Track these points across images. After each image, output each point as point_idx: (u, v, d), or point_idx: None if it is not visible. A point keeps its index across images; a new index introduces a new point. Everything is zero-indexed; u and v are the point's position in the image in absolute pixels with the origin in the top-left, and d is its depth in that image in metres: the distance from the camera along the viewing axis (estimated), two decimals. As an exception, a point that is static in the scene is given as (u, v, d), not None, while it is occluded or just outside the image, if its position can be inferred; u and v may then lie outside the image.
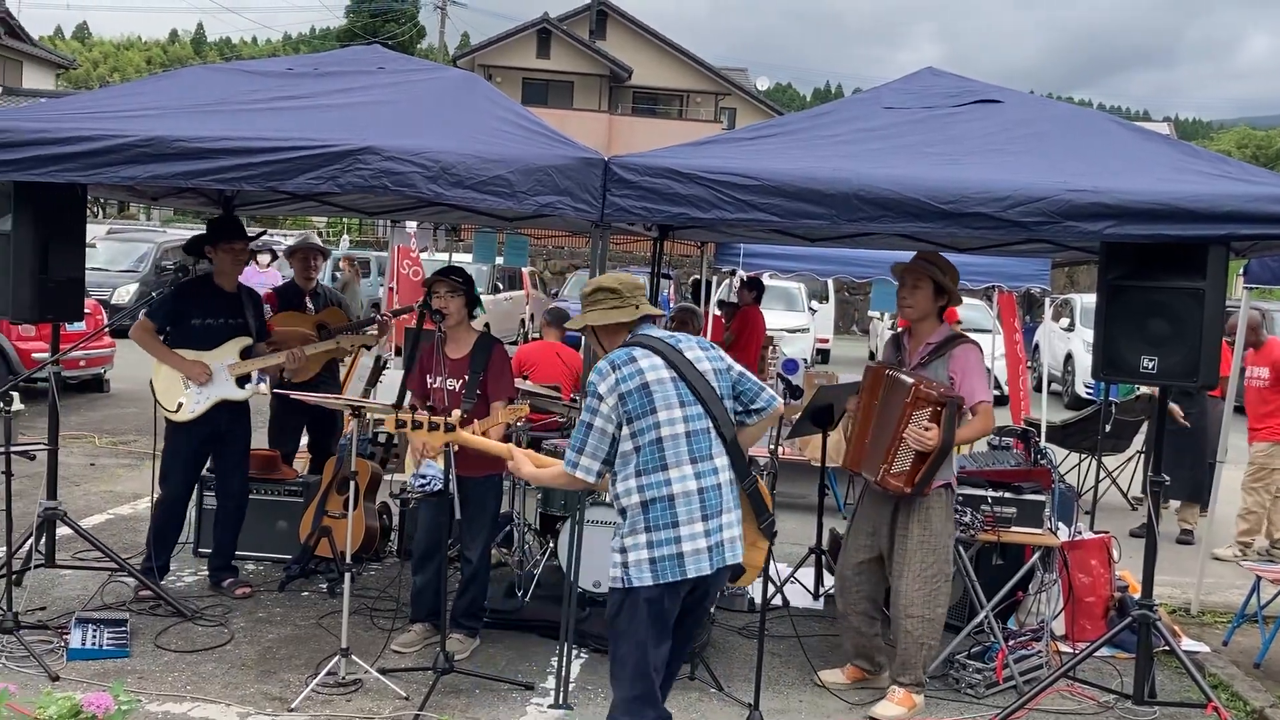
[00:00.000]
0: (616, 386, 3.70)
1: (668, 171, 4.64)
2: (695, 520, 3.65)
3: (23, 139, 4.82)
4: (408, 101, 5.28)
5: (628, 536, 3.69)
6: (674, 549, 3.63)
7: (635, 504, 3.68)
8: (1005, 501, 5.71)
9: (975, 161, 4.72)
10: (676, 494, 3.65)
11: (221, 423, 6.07)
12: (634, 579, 3.66)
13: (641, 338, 3.87)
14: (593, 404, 3.73)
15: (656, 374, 3.73)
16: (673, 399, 3.72)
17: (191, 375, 5.93)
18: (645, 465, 3.67)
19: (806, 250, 9.08)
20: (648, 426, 3.68)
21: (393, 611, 5.86)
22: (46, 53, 38.92)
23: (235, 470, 6.28)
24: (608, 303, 3.93)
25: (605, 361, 3.79)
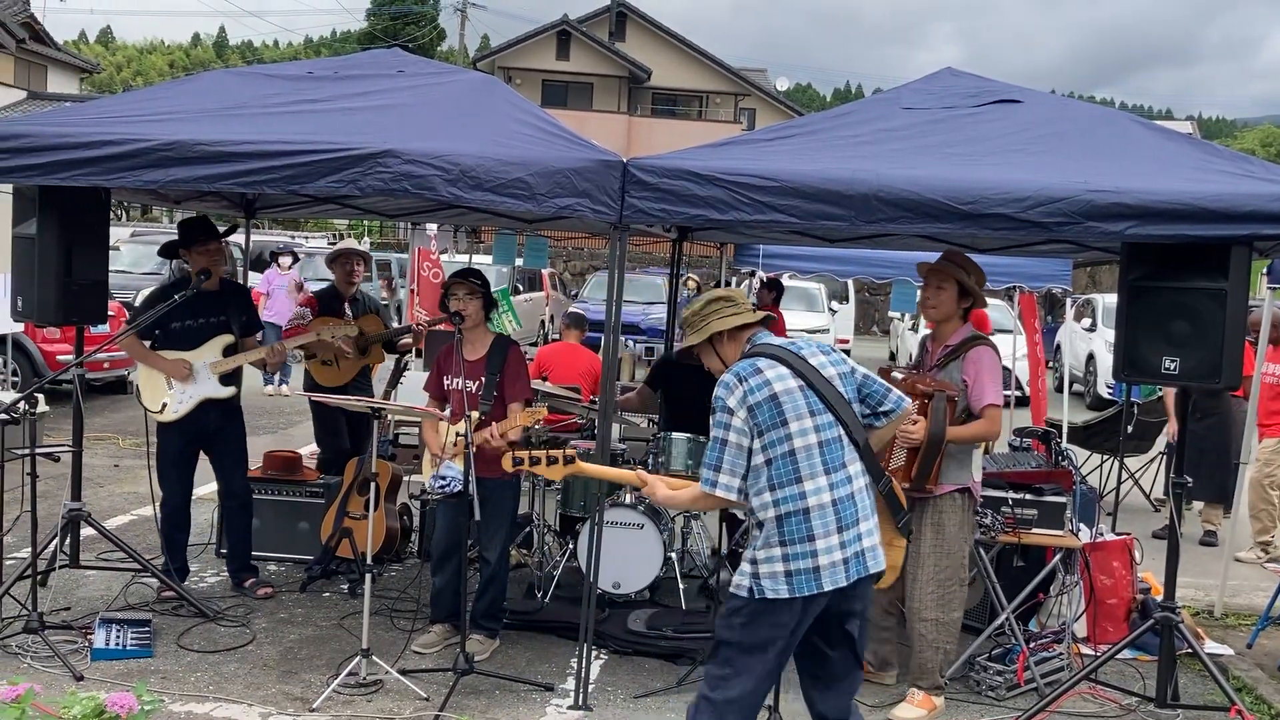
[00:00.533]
0: (745, 399, 3.59)
1: (686, 173, 4.64)
2: (831, 533, 3.55)
3: (47, 144, 4.87)
4: (428, 104, 5.30)
5: (761, 549, 3.58)
6: (810, 562, 3.52)
7: (770, 518, 3.57)
8: (1026, 503, 5.68)
9: (995, 162, 4.70)
10: (812, 507, 3.55)
11: (210, 422, 6.06)
12: (767, 590, 3.54)
13: (763, 347, 3.77)
14: (723, 419, 3.61)
15: (784, 384, 3.63)
16: (803, 409, 3.61)
17: (172, 374, 5.94)
18: (778, 479, 3.56)
19: (826, 251, 9.06)
20: (779, 439, 3.57)
21: (413, 612, 5.88)
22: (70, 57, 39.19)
23: (234, 469, 6.27)
24: (726, 310, 3.85)
25: (731, 374, 3.67)
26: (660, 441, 6.46)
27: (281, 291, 14.08)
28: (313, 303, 7.30)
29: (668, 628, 5.81)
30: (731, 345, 3.85)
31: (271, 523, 6.84)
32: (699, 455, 6.35)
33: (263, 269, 15.51)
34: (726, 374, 3.69)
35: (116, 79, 76.83)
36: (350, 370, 7.16)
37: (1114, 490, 9.22)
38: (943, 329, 5.22)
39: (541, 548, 6.70)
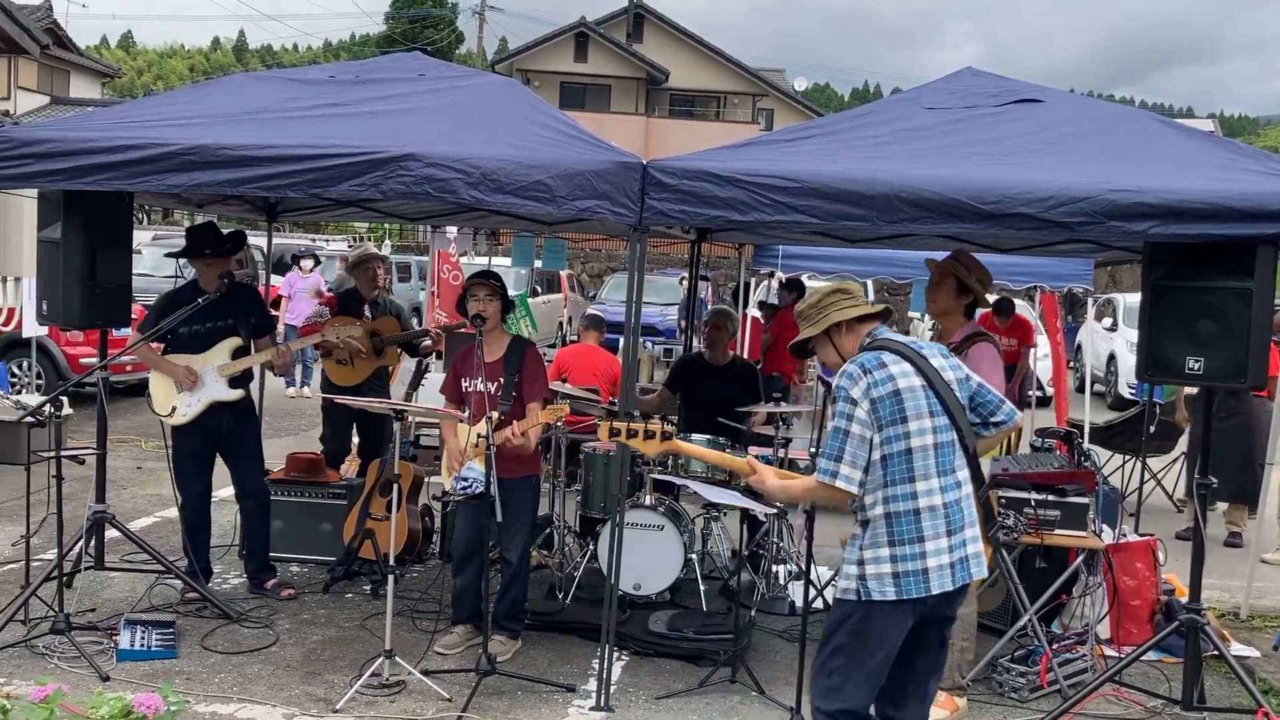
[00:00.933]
0: (869, 391, 3.50)
1: (706, 174, 4.64)
2: (941, 535, 3.49)
3: (71, 149, 4.91)
4: (448, 108, 5.32)
5: (868, 549, 3.52)
6: (919, 564, 3.47)
7: (879, 516, 3.51)
8: (1048, 504, 5.65)
9: (1017, 162, 4.68)
10: (923, 508, 3.49)
11: (222, 424, 6.08)
12: (874, 592, 3.48)
13: (886, 341, 3.67)
14: (846, 409, 3.51)
15: (907, 381, 3.54)
16: (923, 409, 3.54)
17: (178, 380, 5.96)
18: (892, 476, 3.49)
19: (846, 251, 9.04)
20: (898, 436, 3.49)
21: (435, 613, 5.90)
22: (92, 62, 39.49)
23: (248, 470, 6.29)
24: (844, 302, 3.75)
25: (855, 365, 3.57)
26: (680, 443, 6.45)
27: (303, 294, 14.15)
28: (333, 302, 7.35)
29: (689, 629, 5.80)
30: (849, 337, 3.76)
31: (294, 524, 6.88)
32: (719, 456, 6.34)
33: (284, 272, 15.60)
34: (850, 364, 3.60)
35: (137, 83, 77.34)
36: (364, 370, 7.18)
37: (1136, 491, 9.17)
38: (947, 326, 5.24)
39: (562, 549, 6.71)
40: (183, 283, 6.18)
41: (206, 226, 6.17)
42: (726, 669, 5.33)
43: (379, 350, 7.19)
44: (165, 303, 5.97)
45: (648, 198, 4.69)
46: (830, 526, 7.14)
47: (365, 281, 7.40)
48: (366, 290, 7.40)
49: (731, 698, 5.16)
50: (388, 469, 6.42)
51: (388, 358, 7.34)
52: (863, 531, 3.56)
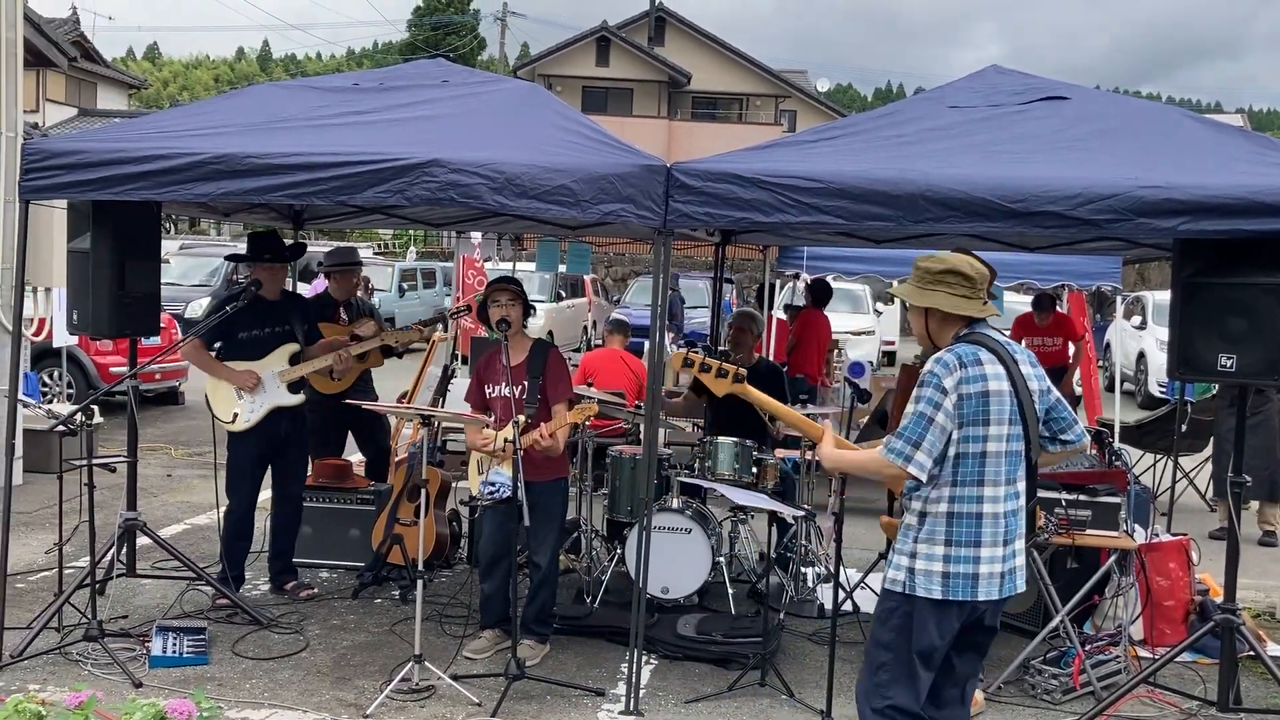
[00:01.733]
0: (959, 386, 3.44)
1: (731, 176, 4.64)
2: (997, 544, 3.48)
3: (99, 160, 4.96)
4: (472, 114, 5.34)
5: (923, 543, 3.50)
6: (971, 569, 3.45)
7: (940, 514, 3.48)
8: (1079, 504, 5.61)
9: (1043, 159, 4.66)
10: (986, 513, 3.47)
11: (280, 430, 6.16)
12: (919, 587, 3.48)
13: (983, 336, 3.57)
14: (934, 397, 3.44)
15: (999, 384, 3.48)
16: (1005, 414, 3.49)
17: (241, 385, 6.01)
18: (962, 477, 3.46)
19: (872, 251, 9.01)
20: (976, 437, 3.46)
21: (464, 618, 5.91)
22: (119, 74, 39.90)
23: (294, 475, 6.38)
24: (960, 289, 3.59)
25: (952, 355, 3.49)
26: (706, 446, 6.45)
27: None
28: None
29: (717, 632, 5.79)
30: (946, 326, 3.64)
31: (322, 530, 6.91)
32: (745, 460, 6.34)
33: (310, 279, 15.68)
34: (947, 353, 3.51)
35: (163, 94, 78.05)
36: (350, 377, 7.15)
37: (1168, 490, 9.08)
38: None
39: (590, 553, 6.71)
40: (237, 288, 6.25)
41: (269, 234, 6.25)
42: (756, 672, 5.31)
43: (361, 355, 7.14)
44: (219, 306, 6.06)
45: (672, 200, 4.69)
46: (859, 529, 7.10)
47: (345, 284, 7.30)
48: (342, 293, 7.29)
49: (761, 701, 5.15)
50: (415, 474, 6.44)
51: (369, 360, 7.26)
52: (918, 524, 3.53)
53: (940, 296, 3.60)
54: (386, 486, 7.01)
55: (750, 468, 6.36)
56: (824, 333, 10.99)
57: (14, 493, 5.56)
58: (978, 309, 3.59)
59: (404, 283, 23.52)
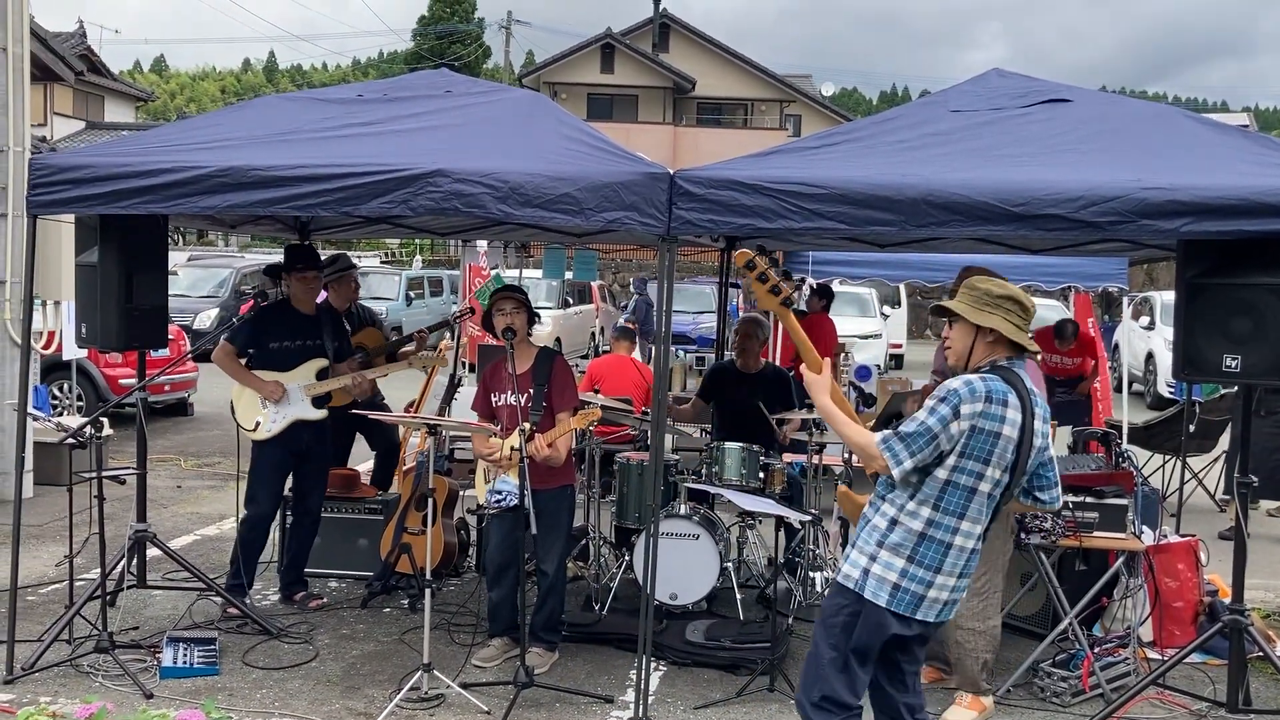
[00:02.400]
0: (976, 419, 3.46)
1: (733, 183, 4.65)
2: (953, 575, 3.57)
3: (106, 174, 4.99)
4: (475, 123, 5.36)
5: (886, 550, 3.56)
6: (922, 590, 3.53)
7: (914, 530, 3.54)
8: (1087, 506, 5.61)
9: (1046, 162, 4.67)
10: (955, 544, 3.54)
11: (303, 442, 6.19)
12: (869, 591, 3.55)
13: (1017, 378, 3.57)
14: (947, 416, 3.47)
15: (1012, 430, 3.51)
16: (1006, 460, 3.53)
17: (266, 395, 6.05)
18: (947, 505, 3.52)
19: (877, 255, 9.03)
20: (973, 473, 3.51)
21: (472, 626, 5.92)
22: (126, 86, 40.10)
23: (314, 488, 6.42)
24: (1016, 318, 3.62)
25: (984, 385, 3.50)
26: (713, 451, 6.46)
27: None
28: None
29: (726, 638, 5.80)
30: (987, 348, 3.64)
31: (331, 540, 6.92)
32: (752, 465, 6.35)
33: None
34: (977, 380, 3.52)
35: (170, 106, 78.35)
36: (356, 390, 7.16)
37: (1177, 491, 9.07)
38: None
39: (598, 560, 6.72)
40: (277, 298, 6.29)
41: (304, 246, 6.28)
42: (764, 678, 5.32)
43: (367, 364, 7.15)
44: (255, 317, 6.12)
45: (675, 207, 4.70)
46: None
47: (343, 293, 7.26)
48: (341, 302, 7.22)
49: (770, 706, 5.15)
50: (423, 483, 6.46)
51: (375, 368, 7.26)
52: (886, 528, 3.58)
53: (1000, 320, 3.62)
54: (394, 496, 7.04)
55: (757, 473, 6.37)
56: (830, 337, 11.00)
57: (24, 505, 5.60)
58: (1027, 341, 3.63)
59: (410, 291, 23.59)
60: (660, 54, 43.75)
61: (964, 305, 3.68)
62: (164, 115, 62.43)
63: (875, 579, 3.55)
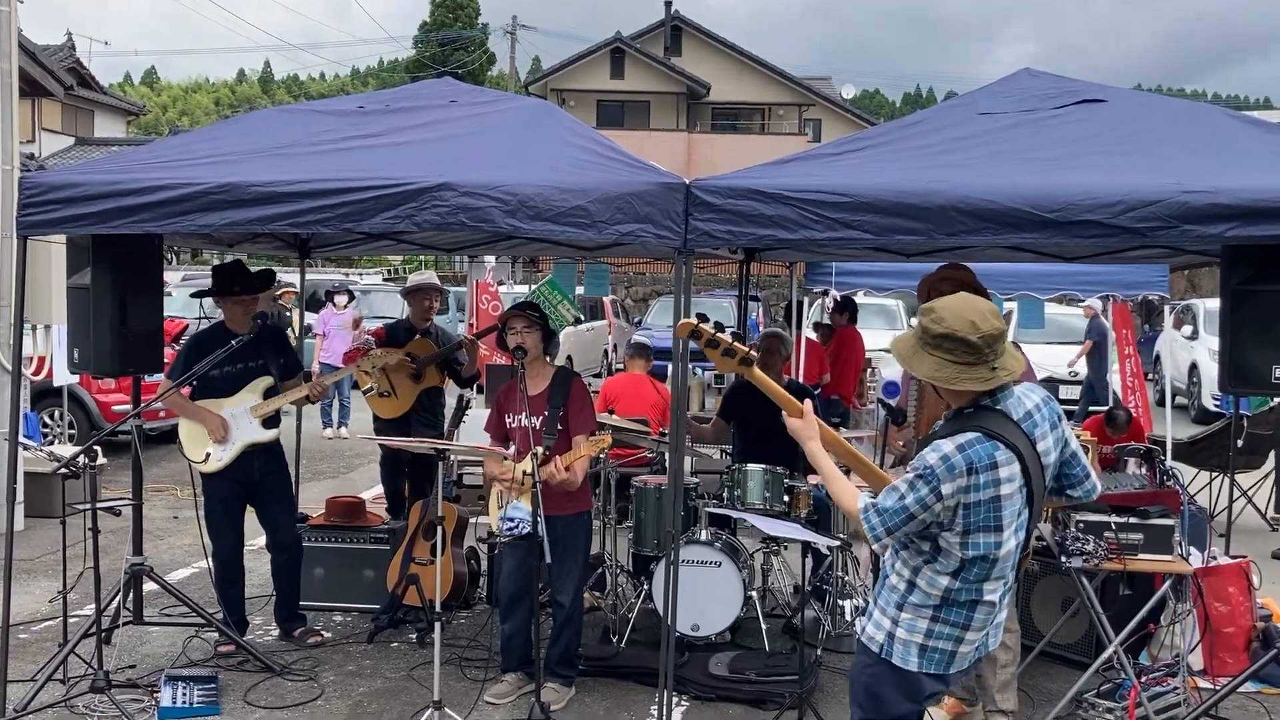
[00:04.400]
0: (963, 494, 3.26)
1: (752, 193, 4.66)
2: (983, 627, 3.48)
3: (98, 192, 5.03)
4: (482, 134, 5.39)
5: (906, 611, 3.46)
6: (951, 646, 3.44)
7: (935, 595, 3.42)
8: (1130, 527, 5.57)
9: (1080, 165, 4.66)
10: (982, 602, 3.44)
11: (255, 469, 6.15)
12: (897, 656, 3.46)
13: (1001, 426, 3.31)
14: (924, 496, 3.25)
15: (1011, 486, 3.30)
16: (1015, 514, 3.35)
17: (210, 431, 6.02)
18: (967, 577, 3.38)
19: (903, 266, 9.02)
20: (989, 544, 3.33)
21: (485, 661, 5.92)
22: (117, 100, 40.42)
23: (281, 519, 6.35)
24: (962, 355, 3.28)
25: (961, 457, 3.24)
26: (735, 474, 6.45)
27: (338, 331, 14.32)
28: (380, 333, 7.45)
29: (751, 671, 5.78)
30: (963, 394, 3.38)
31: (335, 572, 6.93)
32: (776, 488, 6.34)
33: (318, 309, 15.79)
34: (955, 453, 3.25)
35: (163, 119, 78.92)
36: (407, 399, 7.24)
37: (1225, 510, 9.00)
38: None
39: (615, 589, 6.71)
40: (206, 325, 6.29)
41: (234, 264, 6.28)
42: (793, 712, 5.29)
43: (416, 375, 7.24)
44: (193, 345, 6.08)
45: (692, 219, 4.72)
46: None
47: (418, 311, 7.52)
48: (419, 321, 7.51)
49: (799, 742, 5.13)
50: (430, 511, 6.47)
51: (428, 379, 7.37)
52: (905, 590, 3.47)
53: (934, 364, 3.32)
54: (401, 524, 7.04)
55: (782, 496, 6.36)
56: (858, 351, 10.98)
57: (16, 539, 5.62)
58: (982, 380, 3.28)
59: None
60: (672, 58, 43.91)
61: (906, 345, 3.43)
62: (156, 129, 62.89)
63: (901, 643, 3.46)
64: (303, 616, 6.52)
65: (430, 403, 7.44)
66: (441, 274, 33.59)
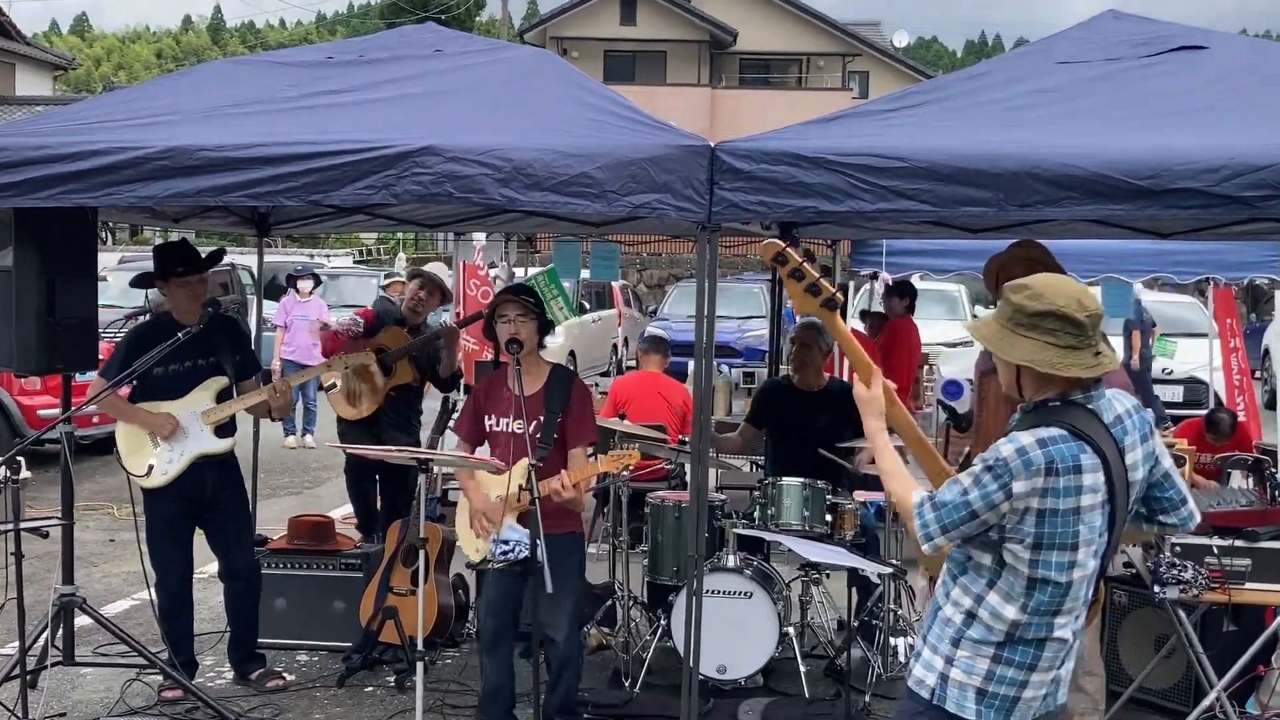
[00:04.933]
0: (1039, 499, 3.26)
1: (790, 156, 4.65)
2: (1052, 669, 3.45)
3: (22, 158, 5.02)
4: (471, 89, 5.40)
5: (963, 648, 3.44)
6: (1014, 692, 3.41)
7: (999, 631, 3.39)
8: (1236, 551, 5.56)
9: (1178, 124, 4.65)
10: (1053, 639, 3.41)
11: (206, 485, 6.15)
12: (951, 703, 3.43)
13: (1090, 427, 3.31)
14: (992, 493, 3.27)
15: (1094, 498, 3.29)
16: (1096, 531, 3.34)
17: (157, 430, 6.01)
18: (1039, 604, 3.35)
19: (967, 244, 9.00)
20: (1061, 565, 3.32)
21: (474, 707, 5.93)
22: (41, 52, 40.63)
23: (237, 543, 6.36)
24: (1064, 337, 3.28)
25: (1040, 454, 3.23)
26: (768, 489, 6.45)
27: (302, 323, 14.36)
28: (369, 315, 7.47)
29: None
30: (1039, 380, 3.38)
31: (300, 603, 6.95)
32: (817, 506, 6.34)
33: (278, 296, 15.83)
34: (1031, 444, 3.26)
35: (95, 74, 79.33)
36: (372, 400, 7.24)
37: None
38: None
39: (628, 625, 6.72)
40: (153, 317, 6.29)
41: (177, 243, 6.28)
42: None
43: (387, 368, 7.24)
44: (134, 339, 6.08)
45: (718, 188, 4.71)
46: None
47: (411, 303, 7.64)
48: (410, 314, 7.60)
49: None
50: (411, 532, 6.48)
51: (400, 375, 7.36)
52: (963, 622, 3.46)
53: (1032, 347, 3.32)
54: (376, 548, 7.06)
55: (823, 515, 6.35)
56: (914, 346, 10.97)
57: (-74, 565, 5.64)
58: (1087, 366, 3.29)
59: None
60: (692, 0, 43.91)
61: (991, 329, 3.44)
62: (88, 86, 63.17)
63: (955, 686, 3.44)
64: (261, 656, 6.53)
65: (403, 403, 7.44)
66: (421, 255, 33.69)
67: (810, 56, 45.72)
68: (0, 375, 10.68)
